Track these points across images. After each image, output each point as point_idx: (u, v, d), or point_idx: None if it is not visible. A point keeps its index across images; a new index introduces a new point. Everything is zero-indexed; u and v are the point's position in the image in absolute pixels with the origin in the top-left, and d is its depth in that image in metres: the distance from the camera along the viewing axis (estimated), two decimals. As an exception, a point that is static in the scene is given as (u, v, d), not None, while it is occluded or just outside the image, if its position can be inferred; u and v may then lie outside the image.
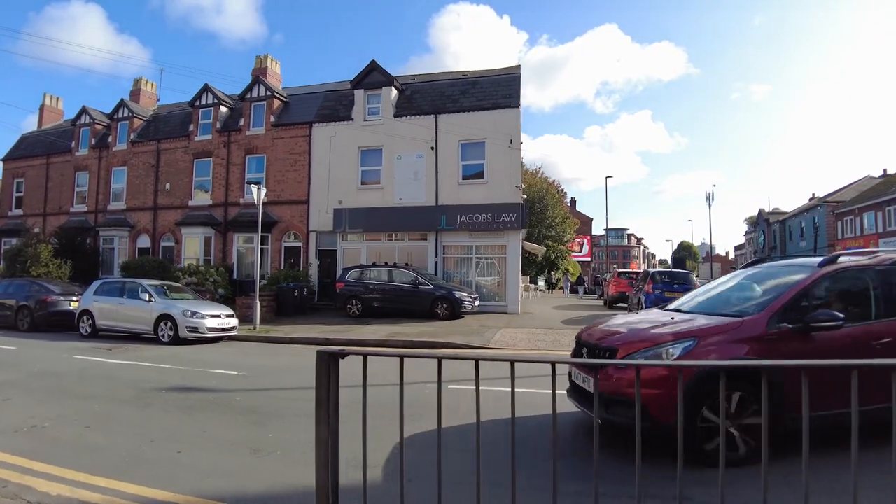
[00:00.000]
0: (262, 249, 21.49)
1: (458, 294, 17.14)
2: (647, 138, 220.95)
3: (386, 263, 19.09)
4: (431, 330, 14.22)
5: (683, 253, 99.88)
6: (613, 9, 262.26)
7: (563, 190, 56.53)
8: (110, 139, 26.05)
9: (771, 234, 58.76)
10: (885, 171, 45.39)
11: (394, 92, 21.52)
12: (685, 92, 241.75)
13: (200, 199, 23.94)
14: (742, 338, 4.59)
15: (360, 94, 21.66)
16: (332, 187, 21.42)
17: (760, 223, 63.68)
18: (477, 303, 17.90)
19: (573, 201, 69.57)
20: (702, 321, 5.12)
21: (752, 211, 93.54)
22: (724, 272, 28.05)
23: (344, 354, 2.36)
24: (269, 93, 23.25)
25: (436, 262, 20.24)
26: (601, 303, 28.77)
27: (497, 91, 20.85)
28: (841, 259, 5.21)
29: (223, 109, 24.24)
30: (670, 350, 4.67)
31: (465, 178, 20.33)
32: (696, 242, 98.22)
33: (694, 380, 4.33)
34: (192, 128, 24.44)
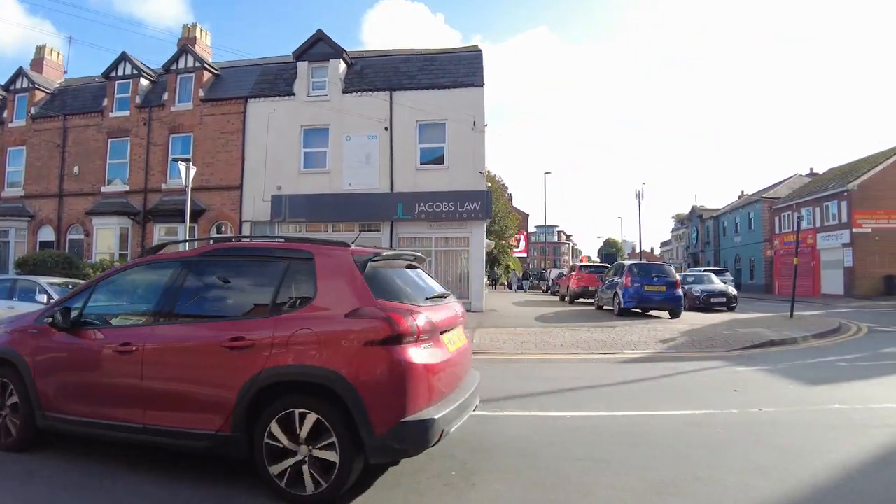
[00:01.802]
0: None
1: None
2: (574, 139, 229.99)
3: (334, 258, 16.79)
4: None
5: (611, 249, 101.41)
6: (546, 10, 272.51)
7: (503, 184, 55.29)
8: (5, 114, 22.35)
9: (704, 230, 59.64)
10: (811, 169, 48.01)
11: (342, 65, 19.23)
12: (609, 96, 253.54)
13: (116, 184, 20.77)
14: (14, 328, 4.63)
15: (303, 66, 19.20)
16: (270, 171, 18.90)
17: (693, 219, 64.58)
18: (440, 301, 15.93)
19: (510, 197, 68.15)
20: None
21: (677, 209, 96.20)
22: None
23: None
24: (198, 64, 20.40)
25: (390, 256, 18.12)
26: (556, 298, 27.65)
27: (458, 69, 18.97)
28: (165, 249, 4.89)
29: (144, 82, 21.13)
30: None
31: (423, 162, 18.36)
32: (626, 239, 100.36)
33: None
34: (106, 102, 21.20)
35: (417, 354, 3.40)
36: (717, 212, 57.49)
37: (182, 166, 13.78)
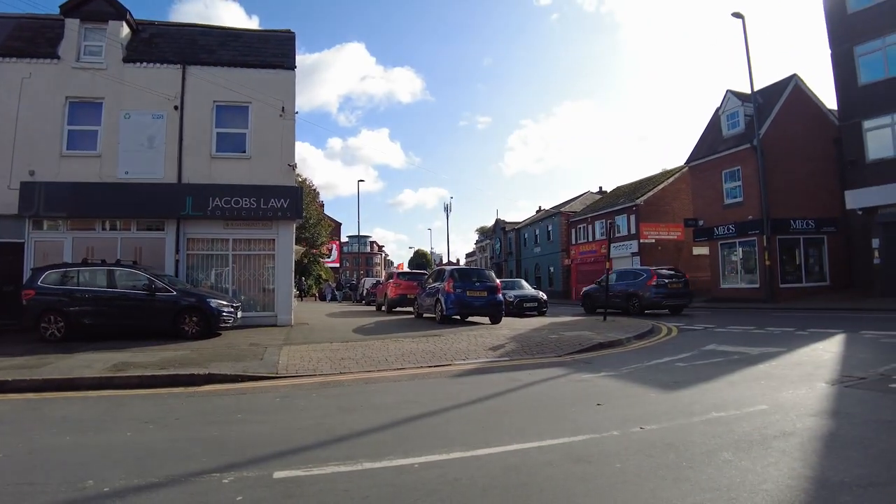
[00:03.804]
0: None
1: (213, 303, 12.50)
2: (385, 154, 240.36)
3: (104, 262, 13.36)
4: (181, 355, 9.50)
5: (421, 260, 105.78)
6: (362, 28, 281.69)
7: (316, 189, 53.24)
8: None
9: (507, 241, 63.43)
10: (601, 188, 53.76)
11: (126, 29, 15.94)
12: (421, 115, 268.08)
13: None
14: None
15: (73, 24, 15.49)
16: (21, 151, 14.86)
17: (497, 231, 68.53)
18: (240, 314, 13.45)
19: (322, 204, 65.04)
20: None
21: (480, 223, 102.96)
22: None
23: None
24: (-84, 7, 15.76)
25: (177, 261, 15.19)
26: (372, 308, 26.15)
27: (267, 48, 16.73)
28: None
29: None
30: None
31: (221, 150, 15.70)
32: (435, 250, 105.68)
33: None
34: None
35: None
36: (519, 224, 61.47)
37: None
